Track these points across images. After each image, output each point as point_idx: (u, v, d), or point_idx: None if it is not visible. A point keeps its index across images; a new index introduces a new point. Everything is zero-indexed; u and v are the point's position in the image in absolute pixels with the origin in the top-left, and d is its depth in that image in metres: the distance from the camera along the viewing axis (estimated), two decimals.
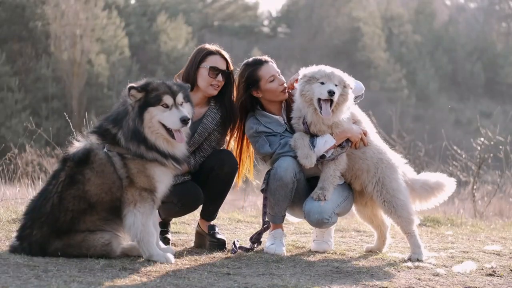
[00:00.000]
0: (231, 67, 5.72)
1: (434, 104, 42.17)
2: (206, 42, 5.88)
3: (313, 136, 5.47)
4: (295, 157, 5.45)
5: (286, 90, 5.74)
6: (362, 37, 43.79)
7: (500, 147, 11.19)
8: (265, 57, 5.80)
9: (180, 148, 4.96)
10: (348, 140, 5.53)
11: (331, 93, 5.27)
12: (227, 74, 5.67)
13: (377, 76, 42.52)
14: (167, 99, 4.83)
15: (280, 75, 5.74)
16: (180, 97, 4.89)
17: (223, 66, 5.64)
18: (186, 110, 4.89)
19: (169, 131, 4.83)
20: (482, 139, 10.98)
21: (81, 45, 32.76)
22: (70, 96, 32.13)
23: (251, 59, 5.81)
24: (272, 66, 5.74)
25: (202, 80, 5.61)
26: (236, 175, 5.74)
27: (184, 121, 4.81)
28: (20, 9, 33.28)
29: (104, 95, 33.18)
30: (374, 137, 5.68)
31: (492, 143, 11.10)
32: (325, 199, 5.45)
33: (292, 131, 5.64)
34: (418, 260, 5.38)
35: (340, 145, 5.51)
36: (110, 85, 33.58)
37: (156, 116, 4.81)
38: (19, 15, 33.19)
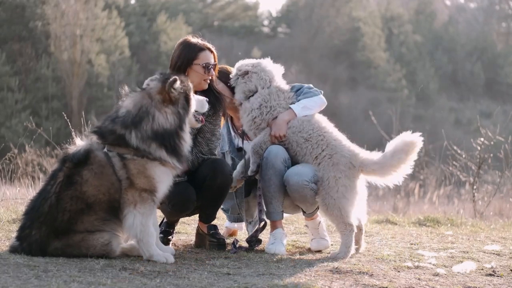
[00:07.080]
0: (216, 59, 5.77)
1: (434, 104, 42.16)
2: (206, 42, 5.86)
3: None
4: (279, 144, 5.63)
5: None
6: (362, 37, 43.77)
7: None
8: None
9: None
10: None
11: None
12: (214, 66, 5.72)
13: (377, 76, 42.52)
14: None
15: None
16: None
17: (212, 60, 5.69)
18: None
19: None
20: (482, 139, 10.95)
21: (81, 45, 32.79)
22: (70, 96, 32.15)
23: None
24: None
25: (196, 76, 5.62)
26: (231, 184, 5.68)
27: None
28: (20, 9, 33.31)
29: (104, 95, 33.21)
30: (329, 129, 5.62)
31: (492, 143, 11.08)
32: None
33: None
34: (338, 258, 5.31)
35: None
36: (110, 85, 33.61)
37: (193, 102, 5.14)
38: (19, 15, 33.21)
